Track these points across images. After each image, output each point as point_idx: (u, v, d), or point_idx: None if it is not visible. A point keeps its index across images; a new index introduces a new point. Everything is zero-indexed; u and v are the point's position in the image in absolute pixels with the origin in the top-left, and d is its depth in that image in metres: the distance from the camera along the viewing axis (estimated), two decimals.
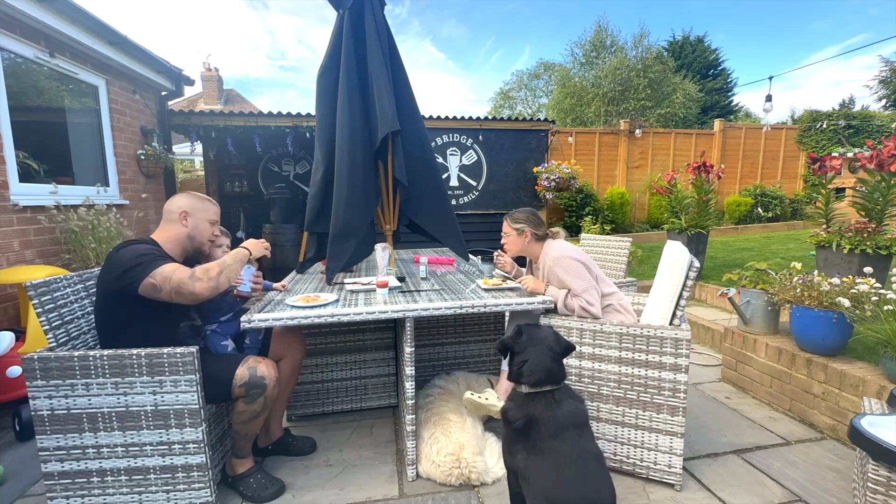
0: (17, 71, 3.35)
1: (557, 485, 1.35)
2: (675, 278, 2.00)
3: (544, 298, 2.02)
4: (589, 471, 1.40)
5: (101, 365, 1.64)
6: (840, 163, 3.82)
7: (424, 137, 2.76)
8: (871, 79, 17.45)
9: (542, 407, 1.48)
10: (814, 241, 3.58)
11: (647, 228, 8.56)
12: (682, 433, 1.90)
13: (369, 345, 2.66)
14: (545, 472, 1.39)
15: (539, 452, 1.43)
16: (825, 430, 2.39)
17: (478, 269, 2.76)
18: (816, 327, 2.45)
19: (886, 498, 1.46)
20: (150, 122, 5.03)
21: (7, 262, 3.07)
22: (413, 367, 1.95)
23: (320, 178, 2.56)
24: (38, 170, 3.49)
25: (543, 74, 18.53)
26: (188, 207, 1.86)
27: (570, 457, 1.40)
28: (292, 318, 1.78)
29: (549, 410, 1.47)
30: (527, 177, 6.93)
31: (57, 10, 3.37)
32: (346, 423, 2.54)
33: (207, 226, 1.93)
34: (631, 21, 40.46)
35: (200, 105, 16.63)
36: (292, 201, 5.95)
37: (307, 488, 1.97)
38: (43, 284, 1.68)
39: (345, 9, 2.52)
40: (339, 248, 2.38)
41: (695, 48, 18.70)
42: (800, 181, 9.71)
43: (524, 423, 1.47)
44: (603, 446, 2.02)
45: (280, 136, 5.91)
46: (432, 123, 6.45)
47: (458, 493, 1.92)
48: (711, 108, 17.92)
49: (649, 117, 14.06)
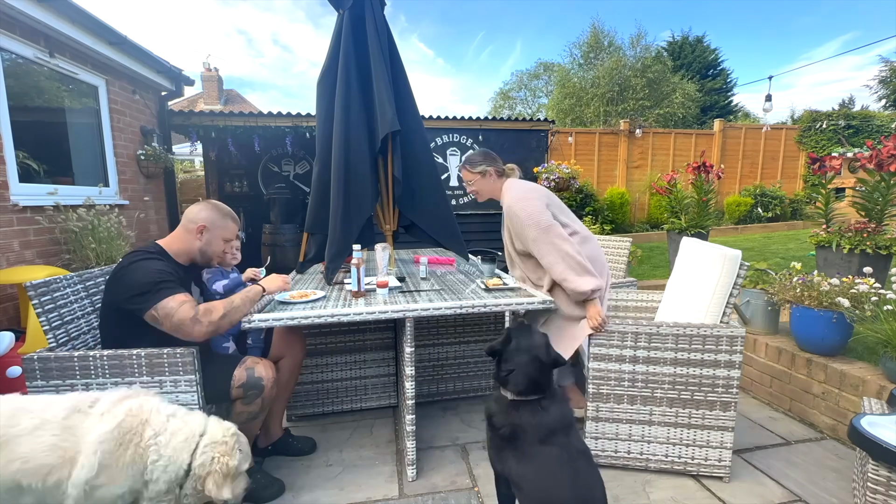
0: (17, 71, 3.35)
1: (551, 489, 1.34)
2: (727, 275, 1.99)
3: (544, 298, 2.02)
4: (580, 469, 1.38)
5: (100, 365, 1.63)
6: (840, 163, 3.83)
7: (424, 137, 2.76)
8: (871, 78, 17.47)
9: (528, 414, 1.43)
10: (814, 241, 3.57)
11: (647, 228, 8.56)
12: (732, 427, 1.93)
13: (369, 345, 2.66)
14: (536, 477, 1.36)
15: (529, 459, 1.40)
16: (825, 430, 2.39)
17: (478, 269, 2.76)
18: (816, 327, 2.45)
19: (886, 498, 1.46)
20: (150, 123, 5.03)
21: (7, 262, 3.07)
22: (413, 367, 1.95)
23: (320, 177, 2.56)
24: (38, 170, 3.48)
25: (543, 75, 18.56)
26: (207, 222, 1.84)
27: (561, 459, 1.38)
28: (292, 318, 1.78)
29: (536, 417, 1.43)
30: (527, 177, 6.90)
31: (57, 10, 3.37)
32: (346, 423, 2.54)
33: (221, 243, 1.91)
34: (628, 19, 40.54)
35: (200, 105, 16.63)
36: (292, 201, 5.94)
37: (307, 488, 1.97)
38: (43, 284, 1.67)
39: (345, 9, 2.52)
40: (338, 249, 2.38)
41: (694, 48, 18.70)
42: (800, 181, 9.71)
43: (510, 431, 1.44)
44: (654, 449, 2.01)
45: (280, 136, 5.91)
46: (432, 123, 6.45)
47: (458, 493, 1.92)
48: (711, 108, 17.91)
49: (648, 117, 14.06)
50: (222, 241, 1.91)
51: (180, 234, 1.85)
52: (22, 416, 1.27)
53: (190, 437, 1.39)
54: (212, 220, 1.85)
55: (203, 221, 1.84)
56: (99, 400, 1.35)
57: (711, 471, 1.98)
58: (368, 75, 2.51)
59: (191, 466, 1.36)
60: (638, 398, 1.98)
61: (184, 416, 1.44)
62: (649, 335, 1.93)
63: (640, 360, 1.95)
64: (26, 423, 1.26)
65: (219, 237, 1.89)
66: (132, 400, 1.38)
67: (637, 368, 1.96)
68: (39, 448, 1.24)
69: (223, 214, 1.91)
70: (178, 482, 1.36)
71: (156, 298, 1.60)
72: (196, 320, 1.61)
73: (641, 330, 1.93)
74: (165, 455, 1.34)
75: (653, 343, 1.93)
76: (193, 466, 1.36)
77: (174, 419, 1.41)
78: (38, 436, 1.25)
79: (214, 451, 1.39)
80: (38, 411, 1.29)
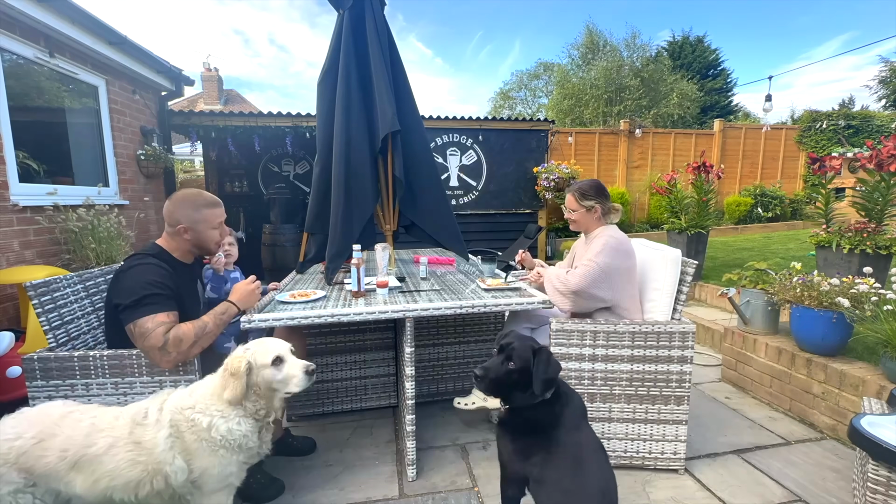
0: (17, 71, 3.35)
1: (577, 481, 1.32)
2: (672, 275, 2.06)
3: (544, 298, 2.02)
4: (601, 462, 1.38)
5: (100, 365, 1.64)
6: (840, 163, 3.83)
7: (424, 137, 2.76)
8: (871, 79, 17.47)
9: (546, 411, 1.42)
10: (814, 241, 3.58)
11: (647, 228, 8.56)
12: (686, 420, 1.98)
13: (369, 345, 2.66)
14: (563, 471, 1.35)
15: (554, 454, 1.38)
16: (825, 430, 2.39)
17: (478, 269, 2.76)
18: (816, 327, 2.45)
19: (886, 498, 1.47)
20: (149, 123, 5.03)
21: (7, 262, 3.07)
22: (413, 367, 1.95)
23: (320, 177, 2.56)
24: (38, 170, 3.48)
25: (543, 75, 18.57)
26: (186, 222, 1.77)
27: (589, 450, 1.37)
28: (292, 319, 1.78)
29: (558, 409, 1.42)
30: (527, 177, 6.92)
31: (57, 10, 3.37)
32: (346, 423, 2.54)
33: (212, 231, 1.84)
34: (628, 19, 40.41)
35: (200, 105, 16.63)
36: (292, 201, 5.94)
37: (307, 488, 1.97)
38: (43, 285, 1.67)
39: (345, 9, 2.52)
40: (338, 249, 2.38)
41: (694, 48, 18.71)
42: (800, 181, 9.72)
43: (531, 429, 1.42)
44: (614, 445, 2.04)
45: (280, 136, 5.91)
46: (432, 123, 6.45)
47: (458, 493, 1.92)
48: (711, 108, 17.91)
49: (645, 118, 14.07)
50: (211, 230, 1.84)
51: (169, 237, 1.81)
52: (96, 436, 1.36)
53: (213, 389, 1.47)
54: (188, 218, 1.77)
55: (182, 222, 1.77)
56: (148, 409, 1.44)
57: (668, 464, 2.02)
58: (369, 75, 2.51)
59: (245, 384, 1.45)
60: (598, 395, 2.01)
61: (199, 383, 1.53)
62: (607, 333, 1.96)
63: (599, 358, 1.99)
64: (102, 443, 1.35)
65: (205, 229, 1.82)
66: (167, 400, 1.47)
67: (596, 367, 1.99)
68: (122, 465, 1.34)
69: (196, 207, 1.79)
70: (242, 416, 1.46)
71: (136, 314, 1.57)
72: (165, 350, 1.57)
73: (600, 329, 1.96)
74: (208, 413, 1.42)
75: (611, 341, 1.97)
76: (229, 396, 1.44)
77: (195, 391, 1.49)
78: (114, 454, 1.34)
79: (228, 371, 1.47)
80: (108, 429, 1.37)
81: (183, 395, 1.48)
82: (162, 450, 1.36)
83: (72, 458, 1.31)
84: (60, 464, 1.31)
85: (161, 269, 1.68)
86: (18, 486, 1.30)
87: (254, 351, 1.50)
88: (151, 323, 1.57)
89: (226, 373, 1.45)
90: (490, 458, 2.17)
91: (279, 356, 1.51)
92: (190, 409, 1.42)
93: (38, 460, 1.30)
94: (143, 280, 1.61)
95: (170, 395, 1.49)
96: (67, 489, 1.33)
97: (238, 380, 1.43)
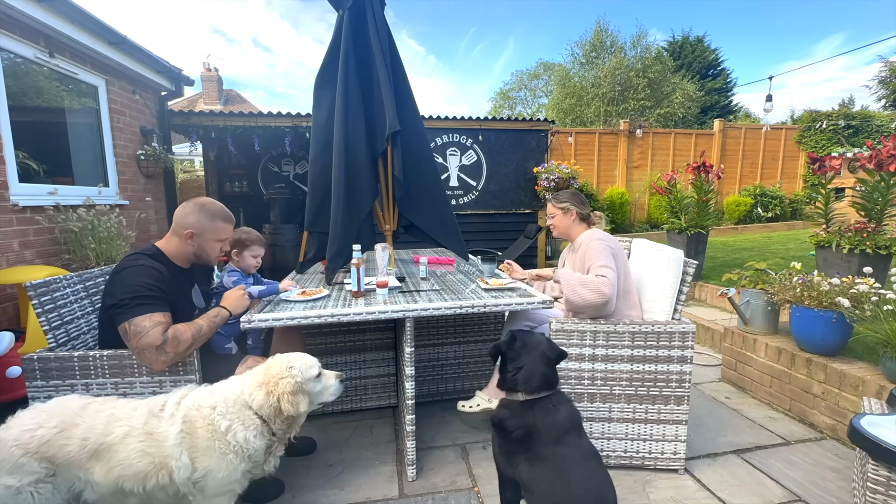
0: (16, 71, 3.35)
1: (566, 490, 1.33)
2: (674, 275, 2.06)
3: (544, 298, 2.02)
4: (593, 470, 1.39)
5: (100, 365, 1.64)
6: (839, 163, 3.83)
7: (424, 138, 2.76)
8: (871, 79, 17.45)
9: (541, 413, 1.44)
10: (813, 241, 3.58)
11: (647, 228, 8.56)
12: (686, 420, 1.98)
13: (369, 345, 2.66)
14: (551, 479, 1.36)
15: (542, 460, 1.39)
16: (825, 430, 2.39)
17: (478, 269, 2.76)
18: (816, 327, 2.45)
19: (886, 498, 1.47)
20: (149, 123, 5.02)
21: (7, 262, 3.07)
22: (413, 367, 1.95)
23: (319, 177, 2.56)
24: (38, 170, 3.48)
25: (543, 74, 18.56)
26: (195, 228, 1.77)
27: (575, 459, 1.38)
28: (292, 319, 1.78)
29: (550, 416, 1.44)
30: (527, 177, 6.92)
31: (57, 10, 3.37)
32: (346, 423, 2.54)
33: (214, 245, 1.84)
34: (627, 18, 40.24)
35: (200, 105, 16.63)
36: (292, 201, 5.95)
37: (307, 488, 1.97)
38: (43, 285, 1.67)
39: (344, 9, 2.52)
40: (338, 248, 2.38)
41: (694, 48, 18.71)
42: (799, 181, 9.72)
43: (524, 433, 1.43)
44: (614, 445, 2.04)
45: (280, 136, 5.91)
46: (432, 123, 6.45)
47: (458, 493, 1.92)
48: (711, 108, 17.92)
49: (649, 117, 14.07)
50: (215, 243, 1.84)
51: (173, 239, 1.80)
52: (114, 425, 1.37)
53: (238, 395, 1.48)
54: (200, 225, 1.78)
55: (191, 227, 1.77)
56: (166, 402, 1.45)
57: (668, 464, 2.02)
58: (368, 75, 2.51)
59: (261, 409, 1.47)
60: (598, 396, 2.01)
61: (223, 385, 1.54)
62: (607, 333, 1.96)
63: (599, 357, 1.99)
64: (118, 431, 1.37)
65: (210, 240, 1.82)
66: (187, 396, 1.49)
67: (596, 366, 1.99)
68: (132, 455, 1.35)
69: (211, 216, 1.81)
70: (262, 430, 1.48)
71: (132, 313, 1.56)
72: (161, 350, 1.56)
73: (600, 329, 1.96)
74: (229, 417, 1.43)
75: (610, 341, 1.97)
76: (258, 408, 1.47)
77: (217, 392, 1.50)
78: (128, 443, 1.36)
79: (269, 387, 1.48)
80: (125, 419, 1.39)
81: (204, 393, 1.49)
82: (171, 444, 1.37)
83: (91, 446, 1.33)
84: (81, 452, 1.32)
85: (155, 272, 1.67)
86: (39, 476, 1.31)
87: (298, 367, 1.53)
88: (149, 322, 1.56)
89: (274, 391, 1.46)
90: (490, 458, 2.17)
91: (319, 370, 1.58)
92: (209, 409, 1.43)
93: (61, 449, 1.31)
94: (138, 280, 1.61)
95: (191, 392, 1.50)
96: (87, 477, 1.34)
97: (304, 395, 1.49)
